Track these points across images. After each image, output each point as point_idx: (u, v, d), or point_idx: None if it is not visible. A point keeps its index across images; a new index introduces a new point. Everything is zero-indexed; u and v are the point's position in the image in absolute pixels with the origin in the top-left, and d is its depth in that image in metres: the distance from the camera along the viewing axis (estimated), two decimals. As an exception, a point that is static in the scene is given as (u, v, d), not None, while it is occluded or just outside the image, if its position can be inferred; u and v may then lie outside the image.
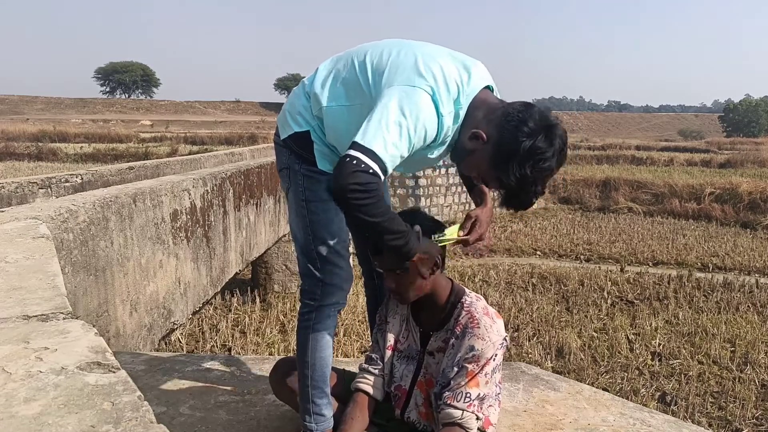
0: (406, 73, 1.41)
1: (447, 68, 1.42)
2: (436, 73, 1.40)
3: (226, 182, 5.02)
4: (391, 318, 1.74)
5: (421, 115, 1.36)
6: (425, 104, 1.37)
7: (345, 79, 1.51)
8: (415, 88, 1.38)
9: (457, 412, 1.50)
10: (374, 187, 1.32)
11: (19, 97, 61.07)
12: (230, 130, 37.17)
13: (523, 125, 1.35)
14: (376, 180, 1.32)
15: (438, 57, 1.45)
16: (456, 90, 1.42)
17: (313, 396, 1.68)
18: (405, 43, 1.52)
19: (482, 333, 1.53)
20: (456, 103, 1.42)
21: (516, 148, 1.35)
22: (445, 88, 1.40)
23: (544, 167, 1.37)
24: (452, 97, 1.41)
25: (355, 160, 1.31)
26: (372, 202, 1.33)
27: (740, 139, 42.71)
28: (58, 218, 2.47)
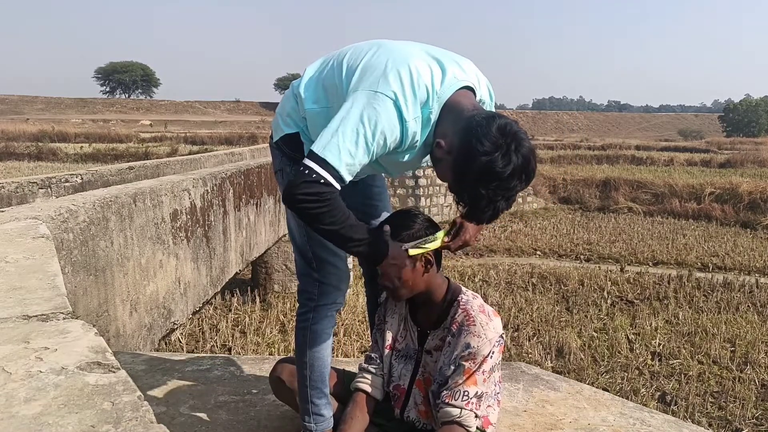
0: (372, 77, 1.38)
1: (418, 70, 1.37)
2: (404, 77, 1.36)
3: (226, 182, 5.02)
4: (389, 317, 1.75)
5: (380, 122, 1.33)
6: (385, 111, 1.34)
7: (326, 81, 1.51)
8: (377, 93, 1.35)
9: (455, 410, 1.50)
10: (326, 196, 1.33)
11: (19, 97, 61.08)
12: (230, 130, 37.20)
13: (479, 141, 1.28)
14: (326, 189, 1.33)
15: (411, 58, 1.40)
16: (425, 94, 1.37)
17: (312, 396, 1.68)
18: (384, 44, 1.49)
19: (478, 330, 1.53)
20: (425, 107, 1.38)
21: (471, 165, 1.29)
22: (411, 93, 1.36)
23: (500, 186, 1.29)
24: (420, 101, 1.37)
25: (308, 169, 1.32)
26: (324, 210, 1.34)
27: (740, 139, 42.74)
28: (58, 218, 2.47)
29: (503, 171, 1.28)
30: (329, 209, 1.35)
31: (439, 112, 1.39)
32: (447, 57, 1.46)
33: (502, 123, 1.30)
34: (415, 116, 1.37)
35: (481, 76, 1.53)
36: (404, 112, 1.35)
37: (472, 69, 1.50)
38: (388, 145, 1.37)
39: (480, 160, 1.28)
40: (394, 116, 1.35)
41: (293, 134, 1.58)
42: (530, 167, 1.32)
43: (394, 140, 1.37)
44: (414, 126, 1.38)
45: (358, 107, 1.35)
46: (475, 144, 1.28)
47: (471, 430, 1.50)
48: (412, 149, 1.44)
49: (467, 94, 1.43)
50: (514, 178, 1.30)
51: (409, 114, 1.36)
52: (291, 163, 1.60)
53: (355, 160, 1.34)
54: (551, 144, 33.59)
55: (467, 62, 1.50)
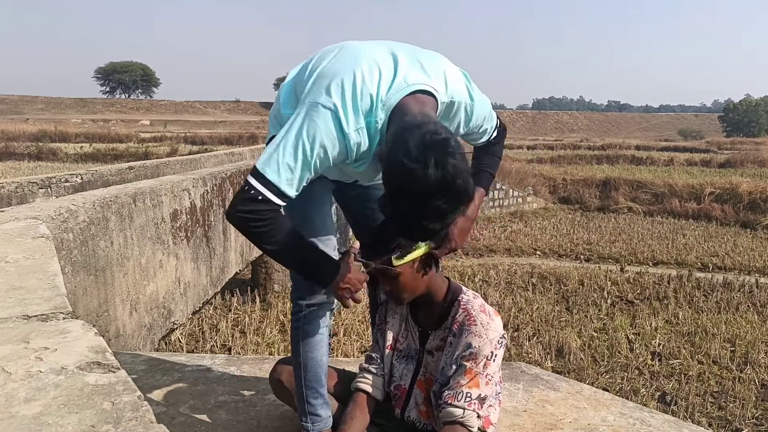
0: (318, 87, 1.34)
1: (363, 78, 1.31)
2: (346, 87, 1.31)
3: (226, 182, 5.02)
4: (390, 318, 1.75)
5: (318, 135, 1.30)
6: (324, 124, 1.30)
7: (297, 86, 1.50)
8: (317, 106, 1.31)
9: (458, 410, 1.50)
10: (266, 214, 1.31)
11: (19, 97, 61.12)
12: (230, 129, 37.23)
13: (398, 153, 1.17)
14: (268, 207, 1.31)
15: (360, 65, 1.34)
16: (369, 102, 1.31)
17: (308, 396, 1.68)
18: (345, 47, 1.45)
19: (479, 330, 1.53)
20: (369, 115, 1.32)
21: (391, 177, 1.20)
22: (352, 104, 1.30)
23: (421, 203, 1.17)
24: (363, 110, 1.31)
25: (247, 186, 1.31)
26: (264, 230, 1.33)
27: (740, 139, 42.77)
28: (58, 218, 2.47)
29: (421, 188, 1.15)
30: (269, 228, 1.33)
31: (387, 119, 1.33)
32: (408, 57, 1.39)
33: (426, 131, 1.17)
34: (357, 127, 1.32)
35: (453, 72, 1.45)
36: (344, 124, 1.30)
37: (439, 67, 1.41)
38: (330, 158, 1.33)
39: (397, 173, 1.17)
40: (332, 128, 1.30)
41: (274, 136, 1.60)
42: (456, 187, 1.16)
43: (336, 152, 1.33)
44: (357, 137, 1.33)
45: (299, 120, 1.32)
46: (394, 155, 1.17)
47: (473, 430, 1.51)
48: (364, 159, 1.40)
49: (421, 99, 1.33)
50: (436, 196, 1.16)
51: (350, 126, 1.31)
52: None
53: (295, 175, 1.31)
54: (551, 144, 33.61)
55: (435, 60, 1.43)
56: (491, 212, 15.14)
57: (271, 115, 1.63)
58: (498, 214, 15.22)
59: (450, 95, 1.42)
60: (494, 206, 15.38)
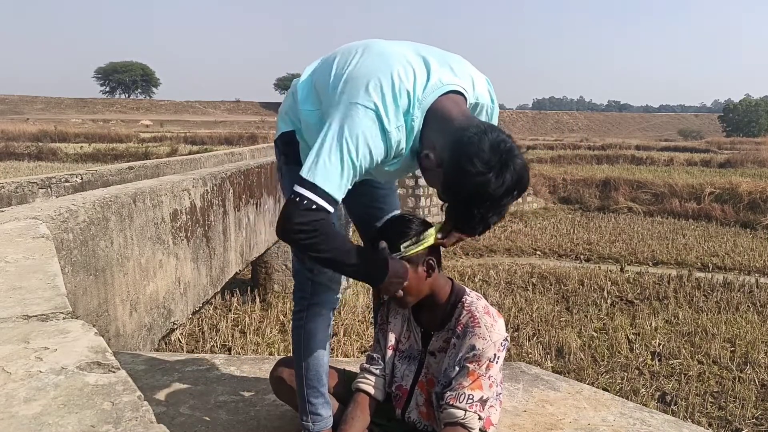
0: (354, 87, 1.34)
1: (400, 77, 1.34)
2: (385, 86, 1.32)
3: (226, 182, 5.02)
4: (392, 318, 1.74)
5: (362, 137, 1.30)
6: (367, 124, 1.31)
7: (317, 82, 1.50)
8: (358, 106, 1.31)
9: (459, 412, 1.50)
10: (319, 225, 1.31)
11: (19, 97, 61.13)
12: (230, 130, 37.23)
13: (471, 160, 1.23)
14: (320, 216, 1.31)
15: (394, 64, 1.36)
16: (407, 101, 1.33)
17: (309, 395, 1.68)
18: (371, 47, 1.45)
19: (483, 332, 1.53)
20: (407, 114, 1.34)
21: (462, 185, 1.26)
22: (392, 102, 1.32)
23: (492, 205, 1.27)
24: (402, 109, 1.33)
25: (298, 197, 1.30)
26: (317, 240, 1.33)
27: (740, 138, 42.73)
28: (58, 218, 2.47)
29: (496, 192, 1.25)
30: (324, 237, 1.33)
31: (423, 119, 1.35)
32: (437, 59, 1.41)
33: (494, 139, 1.25)
34: (398, 125, 1.33)
35: (478, 76, 1.49)
36: (385, 123, 1.32)
37: (466, 70, 1.45)
38: (375, 158, 1.34)
39: (472, 180, 1.24)
40: (375, 129, 1.31)
41: (289, 132, 1.59)
42: (523, 182, 1.29)
43: (379, 152, 1.34)
44: (397, 135, 1.34)
45: (339, 123, 1.32)
46: (466, 163, 1.24)
47: (473, 430, 1.51)
48: (398, 158, 1.42)
49: (455, 99, 1.37)
50: (508, 196, 1.27)
51: (391, 124, 1.32)
52: (287, 162, 1.61)
53: (343, 179, 1.32)
54: (551, 144, 33.59)
55: (461, 63, 1.46)
56: (491, 212, 15.11)
57: (282, 111, 1.62)
58: (498, 214, 15.19)
59: (476, 96, 1.46)
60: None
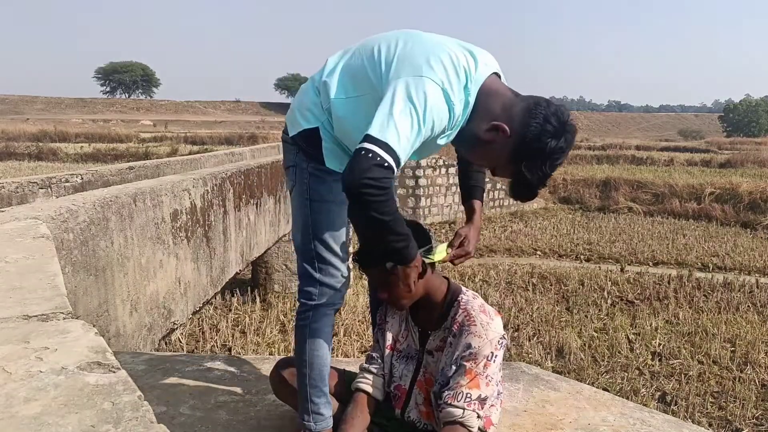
0: (414, 64, 1.39)
1: (455, 56, 1.41)
2: (446, 62, 1.38)
3: (226, 182, 5.02)
4: (390, 318, 1.75)
5: (429, 106, 1.34)
6: (434, 95, 1.35)
7: (353, 70, 1.50)
8: (423, 77, 1.35)
9: (458, 410, 1.50)
10: (387, 183, 1.30)
11: (19, 97, 61.10)
12: (230, 130, 37.19)
13: (547, 125, 1.37)
14: (389, 175, 1.29)
15: (446, 45, 1.44)
16: (465, 77, 1.40)
17: (311, 395, 1.69)
18: (413, 34, 1.50)
19: (479, 330, 1.53)
20: (465, 90, 1.41)
21: (542, 147, 1.37)
22: (455, 77, 1.39)
23: (558, 164, 1.41)
24: (462, 84, 1.40)
25: (371, 153, 1.27)
26: (383, 199, 1.30)
27: (740, 139, 42.69)
28: (58, 218, 2.47)
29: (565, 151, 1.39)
30: (388, 197, 1.32)
31: (476, 96, 1.43)
32: (472, 46, 1.50)
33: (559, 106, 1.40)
34: (460, 99, 1.40)
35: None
36: (451, 95, 1.37)
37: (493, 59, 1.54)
38: (435, 128, 1.38)
39: (550, 143, 1.37)
40: (442, 100, 1.37)
41: (312, 129, 1.55)
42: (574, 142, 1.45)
43: (440, 123, 1.39)
44: (458, 109, 1.41)
45: (406, 92, 1.33)
46: (545, 126, 1.36)
47: (473, 430, 1.51)
48: (452, 131, 1.47)
49: (498, 80, 1.49)
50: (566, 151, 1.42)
51: (455, 97, 1.38)
52: (307, 160, 1.59)
53: (410, 144, 1.33)
54: (551, 144, 33.52)
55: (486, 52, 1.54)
56: (491, 212, 15.13)
57: (302, 108, 1.59)
58: (498, 214, 15.22)
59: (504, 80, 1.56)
60: (494, 206, 15.38)
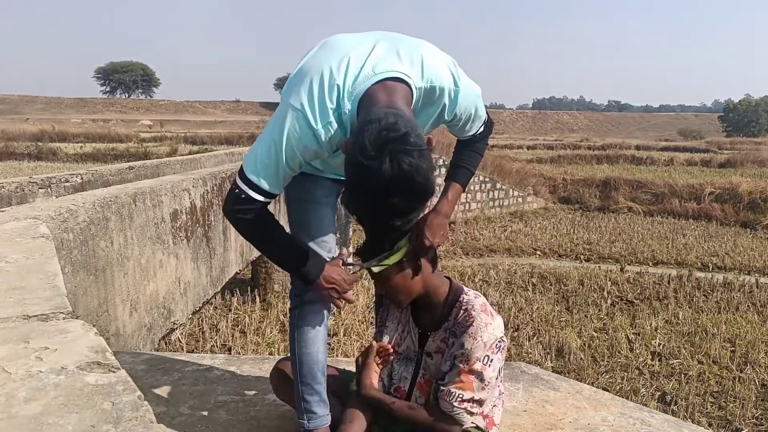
0: (291, 86, 1.41)
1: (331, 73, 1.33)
2: (314, 85, 1.34)
3: (226, 182, 5.02)
4: (390, 320, 1.74)
5: (284, 135, 1.36)
6: (291, 123, 1.35)
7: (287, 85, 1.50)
8: (288, 105, 1.37)
9: (447, 406, 1.53)
10: (250, 214, 1.41)
11: (19, 97, 61.11)
12: (230, 130, 37.20)
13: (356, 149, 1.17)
14: (252, 206, 1.41)
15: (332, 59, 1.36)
16: (336, 95, 1.33)
17: (303, 392, 1.69)
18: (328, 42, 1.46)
19: (474, 331, 1.53)
20: (338, 108, 1.34)
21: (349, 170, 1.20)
22: (318, 101, 1.33)
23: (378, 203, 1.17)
24: (331, 104, 1.33)
25: (234, 186, 1.44)
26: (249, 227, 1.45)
27: (740, 138, 42.74)
28: (58, 218, 2.47)
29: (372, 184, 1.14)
30: (254, 226, 1.44)
31: (356, 108, 1.33)
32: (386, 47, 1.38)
33: (384, 127, 1.15)
34: (326, 122, 1.34)
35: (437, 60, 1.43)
36: (311, 121, 1.34)
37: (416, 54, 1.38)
38: (300, 154, 1.38)
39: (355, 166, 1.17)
40: (300, 126, 1.35)
41: None
42: (413, 185, 1.14)
43: (303, 149, 1.37)
44: (327, 132, 1.35)
45: (273, 121, 1.40)
46: (353, 149, 1.17)
47: (464, 425, 1.51)
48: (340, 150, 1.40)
49: (391, 87, 1.31)
50: (391, 194, 1.14)
51: (318, 122, 1.34)
52: None
53: (270, 173, 1.39)
54: (551, 144, 33.59)
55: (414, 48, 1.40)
56: (491, 212, 15.13)
57: None
58: (498, 214, 15.21)
59: (429, 80, 1.40)
60: (494, 206, 15.37)
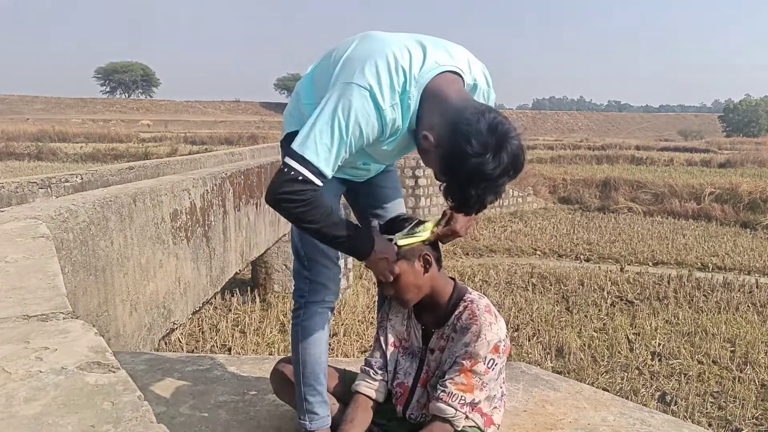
0: (349, 69, 1.37)
1: (395, 56, 1.35)
2: (380, 65, 1.34)
3: (226, 182, 5.02)
4: (393, 315, 1.75)
5: (352, 113, 1.33)
6: (359, 102, 1.33)
7: (317, 76, 1.52)
8: (351, 84, 1.34)
9: (450, 410, 1.51)
10: (306, 195, 1.35)
11: (19, 97, 61.09)
12: (230, 130, 37.23)
13: (469, 141, 1.25)
14: (308, 187, 1.35)
15: (391, 46, 1.38)
16: (403, 78, 1.35)
17: (305, 393, 1.69)
18: (369, 35, 1.47)
19: (478, 330, 1.54)
20: (403, 93, 1.36)
21: (462, 165, 1.28)
22: (387, 80, 1.34)
23: (489, 185, 1.30)
24: (398, 87, 1.35)
25: (286, 167, 1.35)
26: (304, 209, 1.37)
27: (740, 139, 42.71)
28: (58, 218, 2.47)
29: (493, 172, 1.27)
30: (309, 207, 1.37)
31: (419, 98, 1.36)
32: (434, 43, 1.43)
33: (491, 121, 1.27)
34: (393, 103, 1.35)
35: (475, 61, 1.50)
36: (379, 100, 1.34)
37: (463, 55, 1.46)
38: (365, 136, 1.37)
39: (470, 161, 1.26)
40: (369, 105, 1.34)
41: (293, 132, 1.59)
42: (519, 163, 1.30)
43: (371, 130, 1.36)
44: (392, 113, 1.36)
45: (333, 100, 1.35)
46: (465, 145, 1.26)
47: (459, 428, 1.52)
48: (395, 136, 1.44)
49: (452, 79, 1.39)
50: (504, 176, 1.29)
51: (386, 102, 1.34)
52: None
53: (332, 154, 1.35)
54: (551, 144, 33.58)
55: (458, 48, 1.47)
56: (491, 212, 15.12)
57: (287, 113, 1.65)
58: (498, 214, 15.22)
59: (473, 78, 1.47)
60: (494, 206, 15.36)
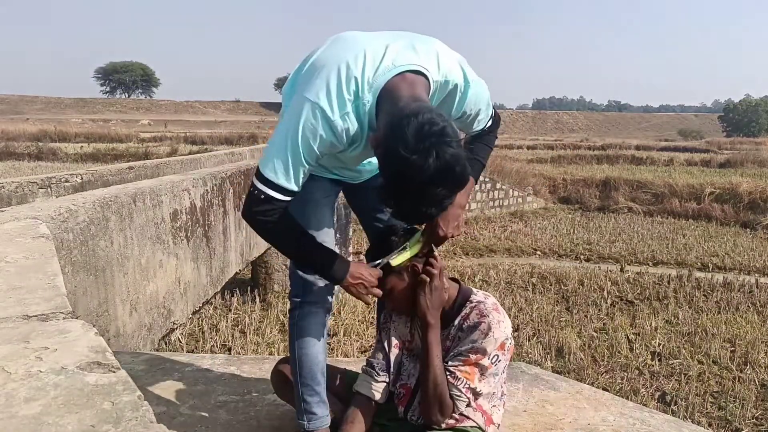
0: (306, 79, 1.40)
1: (348, 65, 1.34)
2: (331, 76, 1.34)
3: (226, 182, 5.02)
4: (396, 317, 1.75)
5: (300, 129, 1.34)
6: (306, 115, 1.34)
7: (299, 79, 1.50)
8: (303, 99, 1.36)
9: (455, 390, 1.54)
10: (273, 215, 1.39)
11: (19, 97, 61.13)
12: (230, 130, 37.21)
13: (397, 142, 1.18)
14: (273, 206, 1.39)
15: (348, 53, 1.36)
16: (355, 86, 1.33)
17: (303, 393, 1.69)
18: (338, 38, 1.47)
19: (486, 328, 1.56)
20: (356, 99, 1.34)
21: (390, 165, 1.22)
22: (336, 92, 1.33)
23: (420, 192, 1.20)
24: (349, 96, 1.34)
25: (253, 187, 1.40)
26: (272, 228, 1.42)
27: (740, 139, 42.72)
28: (58, 218, 2.47)
29: (418, 176, 1.17)
30: (277, 226, 1.42)
31: (375, 101, 1.34)
32: (402, 43, 1.39)
33: (424, 121, 1.17)
34: (343, 113, 1.34)
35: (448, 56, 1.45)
36: (328, 112, 1.33)
37: (432, 50, 1.41)
38: (317, 148, 1.37)
39: (396, 163, 1.19)
40: (316, 119, 1.34)
41: None
42: (452, 173, 1.19)
43: (320, 142, 1.36)
44: (343, 123, 1.35)
45: (288, 115, 1.39)
46: (394, 146, 1.19)
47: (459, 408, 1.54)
48: (358, 142, 1.43)
49: (411, 79, 1.33)
50: (434, 185, 1.19)
51: (335, 113, 1.34)
52: None
53: (291, 169, 1.37)
54: (551, 144, 33.58)
55: (429, 44, 1.43)
56: (491, 212, 15.13)
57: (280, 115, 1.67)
58: (498, 214, 15.21)
59: (443, 75, 1.42)
60: (494, 206, 15.37)
